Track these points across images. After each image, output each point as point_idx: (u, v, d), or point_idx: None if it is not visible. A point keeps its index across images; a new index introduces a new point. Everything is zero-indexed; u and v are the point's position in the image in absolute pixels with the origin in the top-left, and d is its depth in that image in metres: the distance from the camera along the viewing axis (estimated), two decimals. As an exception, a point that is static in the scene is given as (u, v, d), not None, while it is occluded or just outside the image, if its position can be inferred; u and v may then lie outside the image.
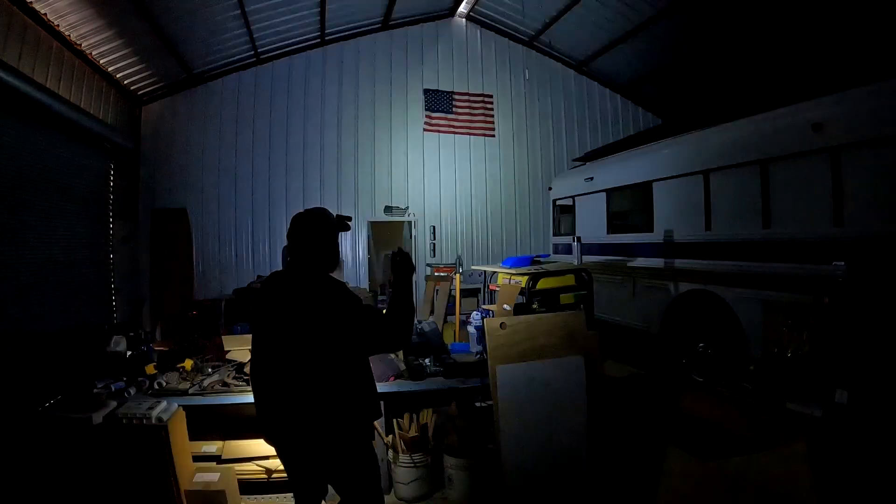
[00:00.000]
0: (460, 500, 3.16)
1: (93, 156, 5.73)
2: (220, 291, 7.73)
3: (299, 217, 1.99)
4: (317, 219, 1.98)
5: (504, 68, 9.50)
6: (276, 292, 1.95)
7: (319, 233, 1.96)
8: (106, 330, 3.84)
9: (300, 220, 1.98)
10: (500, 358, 3.01)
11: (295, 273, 1.95)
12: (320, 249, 1.95)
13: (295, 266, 1.96)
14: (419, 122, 9.00)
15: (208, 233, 7.96)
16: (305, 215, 1.99)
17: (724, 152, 4.66)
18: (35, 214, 4.44)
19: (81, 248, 5.32)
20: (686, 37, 7.88)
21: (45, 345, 4.35)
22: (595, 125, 9.97)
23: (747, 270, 4.29)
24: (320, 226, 1.97)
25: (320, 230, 1.96)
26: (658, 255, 5.39)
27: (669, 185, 5.30)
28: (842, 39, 6.38)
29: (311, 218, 1.98)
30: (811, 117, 3.80)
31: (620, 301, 5.97)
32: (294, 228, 1.96)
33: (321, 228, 1.97)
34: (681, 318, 5.03)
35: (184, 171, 7.83)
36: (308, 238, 1.94)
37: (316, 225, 1.97)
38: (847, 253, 3.51)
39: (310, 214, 2.00)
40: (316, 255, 1.94)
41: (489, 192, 9.36)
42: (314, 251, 1.94)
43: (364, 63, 8.81)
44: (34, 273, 4.37)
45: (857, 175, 3.52)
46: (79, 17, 5.15)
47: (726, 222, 4.61)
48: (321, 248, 1.95)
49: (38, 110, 4.41)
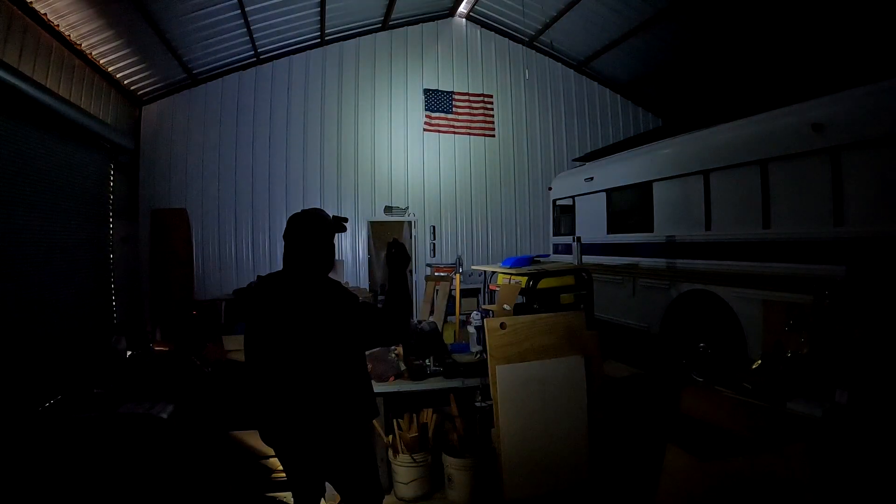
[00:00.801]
0: (460, 499, 3.16)
1: (93, 156, 5.72)
2: (220, 291, 7.74)
3: (296, 218, 1.98)
4: (313, 220, 1.97)
5: (504, 68, 9.50)
6: (272, 293, 1.94)
7: (316, 233, 1.95)
8: (106, 330, 3.85)
9: (297, 221, 1.97)
10: (500, 358, 3.01)
11: (292, 274, 1.94)
12: (317, 250, 1.94)
13: (291, 267, 1.94)
14: (419, 122, 9.00)
15: (208, 233, 7.96)
16: (302, 216, 1.98)
17: (724, 152, 4.66)
18: (35, 214, 4.43)
19: (81, 248, 5.32)
20: (686, 37, 7.88)
21: (45, 345, 4.35)
22: (595, 125, 9.97)
23: (747, 270, 4.29)
24: (317, 226, 1.96)
25: (317, 231, 1.96)
26: (658, 255, 5.39)
27: (669, 185, 5.31)
28: (841, 39, 6.38)
29: (307, 219, 1.97)
30: (811, 117, 3.80)
31: (620, 301, 5.98)
32: (291, 229, 1.95)
33: (318, 229, 1.96)
34: (681, 318, 5.04)
35: (184, 171, 7.83)
36: (305, 239, 1.93)
37: (313, 226, 1.96)
38: (847, 253, 3.51)
39: (306, 215, 1.99)
40: (313, 256, 1.93)
41: (489, 192, 9.36)
42: (311, 252, 1.93)
43: (364, 63, 8.81)
44: (34, 273, 4.37)
45: (857, 175, 3.52)
46: (79, 17, 5.14)
47: (726, 222, 4.61)
48: (318, 248, 1.94)
49: (37, 110, 4.41)
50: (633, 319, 5.80)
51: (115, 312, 6.12)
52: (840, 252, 3.56)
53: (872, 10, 5.86)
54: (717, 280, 4.57)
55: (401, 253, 1.99)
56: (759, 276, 4.15)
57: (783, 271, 3.96)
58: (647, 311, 5.53)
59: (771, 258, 4.10)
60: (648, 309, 5.50)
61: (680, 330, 5.04)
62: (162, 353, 4.65)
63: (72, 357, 4.53)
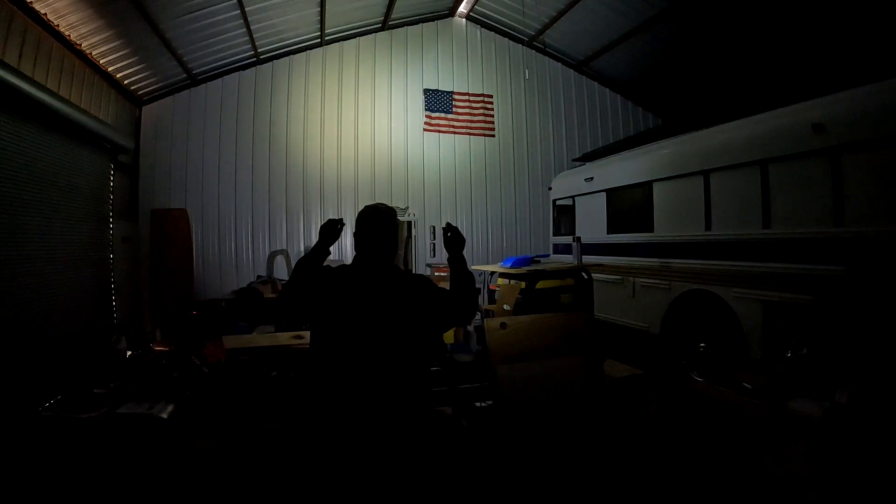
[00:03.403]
0: (460, 499, 3.15)
1: (93, 155, 5.72)
2: (220, 291, 7.74)
3: (370, 211, 2.07)
4: (387, 213, 2.08)
5: (504, 68, 9.50)
6: (358, 283, 1.96)
7: (390, 225, 2.05)
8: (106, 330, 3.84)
9: (372, 214, 2.05)
10: (501, 358, 3.01)
11: (371, 263, 2.00)
12: (391, 240, 2.03)
13: (369, 257, 2.01)
14: (419, 122, 9.00)
15: (208, 233, 7.95)
16: (376, 209, 2.07)
17: (724, 152, 4.66)
18: (35, 214, 4.43)
19: (81, 248, 5.32)
20: (686, 36, 7.88)
21: (45, 345, 4.35)
22: (595, 125, 9.98)
23: (747, 270, 4.28)
24: (390, 218, 2.07)
25: (391, 222, 2.06)
26: (658, 255, 5.39)
27: (669, 185, 5.30)
28: (841, 39, 6.38)
29: (381, 212, 2.07)
30: (811, 117, 3.80)
31: (620, 301, 5.97)
32: (367, 222, 2.04)
33: (391, 221, 2.06)
34: (681, 318, 5.03)
35: (184, 171, 7.83)
36: (381, 230, 2.02)
37: (387, 218, 2.06)
38: (847, 253, 3.51)
39: (379, 209, 2.08)
40: (387, 246, 2.02)
41: (489, 192, 9.36)
42: (386, 242, 2.01)
43: (364, 63, 8.81)
44: (34, 273, 4.37)
45: (857, 175, 3.52)
46: (79, 17, 5.14)
47: (726, 222, 4.60)
48: (392, 238, 2.04)
49: (38, 110, 4.41)
50: (632, 319, 5.80)
51: (115, 312, 6.12)
52: (840, 252, 3.56)
53: (872, 10, 5.86)
54: (717, 280, 4.56)
55: (456, 235, 2.10)
56: (759, 276, 4.15)
57: (783, 271, 3.96)
58: (646, 311, 5.53)
59: (771, 258, 4.09)
60: (648, 309, 5.50)
61: (680, 330, 5.03)
62: (162, 353, 4.65)
63: (72, 357, 4.53)
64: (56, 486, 2.67)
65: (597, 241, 6.48)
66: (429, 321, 1.93)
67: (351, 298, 1.91)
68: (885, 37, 5.73)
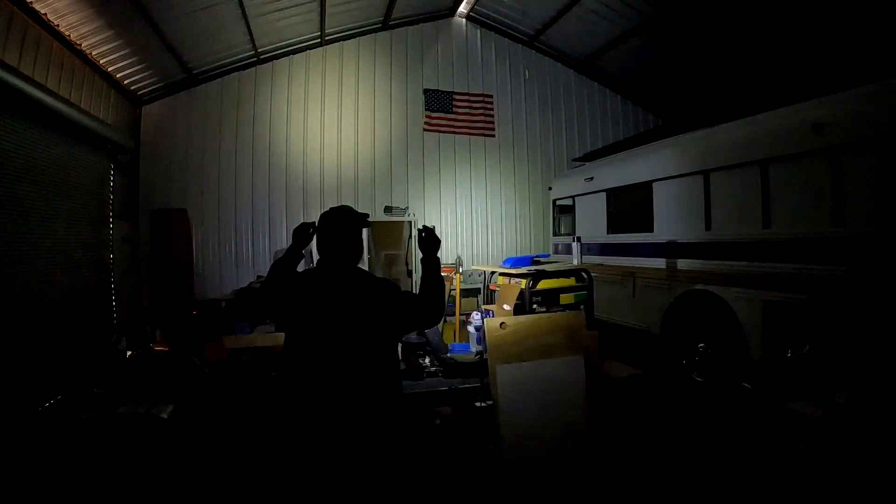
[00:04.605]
0: (460, 499, 3.15)
1: (93, 156, 5.72)
2: (220, 291, 7.73)
3: (331, 214, 2.06)
4: (348, 215, 2.07)
5: (504, 68, 9.50)
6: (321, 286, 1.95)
7: (352, 228, 2.04)
8: (106, 330, 3.84)
9: (332, 217, 2.05)
10: (501, 358, 3.01)
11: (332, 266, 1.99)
12: (354, 243, 2.03)
13: (331, 260, 2.00)
14: (419, 122, 9.00)
15: (208, 233, 7.94)
16: (337, 212, 2.07)
17: (724, 152, 4.66)
18: (35, 214, 4.43)
19: (81, 248, 5.32)
20: (686, 36, 7.88)
21: (45, 345, 4.35)
22: (595, 125, 9.97)
23: (747, 270, 4.29)
24: (352, 221, 2.06)
25: (352, 225, 2.05)
26: (658, 255, 5.39)
27: (669, 185, 5.31)
28: (841, 39, 6.38)
29: (342, 215, 2.06)
30: (811, 117, 3.80)
31: (620, 301, 5.98)
32: (327, 225, 2.03)
33: (352, 223, 2.06)
34: (681, 318, 5.04)
35: (184, 171, 7.82)
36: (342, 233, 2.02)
37: (348, 221, 2.05)
38: (847, 253, 3.51)
39: (340, 212, 2.07)
40: (350, 249, 2.01)
41: (489, 192, 9.36)
42: (349, 245, 2.01)
43: (364, 63, 8.80)
44: (34, 273, 4.37)
45: (856, 175, 3.52)
46: (79, 17, 5.14)
47: (726, 222, 4.61)
48: (355, 242, 2.03)
49: (38, 110, 4.41)
50: (633, 319, 5.80)
51: (115, 312, 6.12)
52: (840, 252, 3.56)
53: (872, 10, 5.86)
54: (717, 280, 4.56)
55: (430, 237, 2.09)
56: (759, 276, 4.15)
57: (783, 271, 3.96)
58: (647, 311, 5.53)
59: (771, 258, 4.10)
60: (648, 309, 5.50)
61: (680, 330, 5.04)
62: (162, 353, 4.64)
63: (72, 357, 4.53)
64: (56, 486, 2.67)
65: (597, 241, 6.48)
66: (391, 323, 1.92)
67: (315, 302, 1.92)
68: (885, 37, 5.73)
